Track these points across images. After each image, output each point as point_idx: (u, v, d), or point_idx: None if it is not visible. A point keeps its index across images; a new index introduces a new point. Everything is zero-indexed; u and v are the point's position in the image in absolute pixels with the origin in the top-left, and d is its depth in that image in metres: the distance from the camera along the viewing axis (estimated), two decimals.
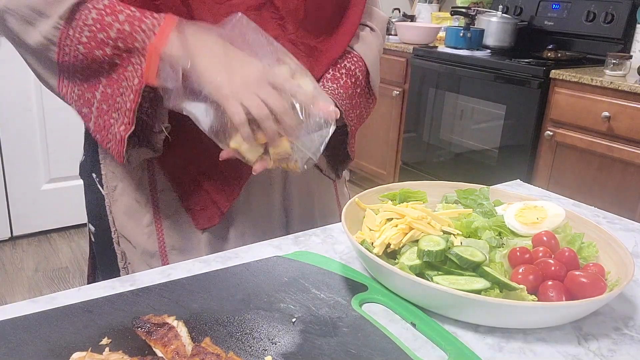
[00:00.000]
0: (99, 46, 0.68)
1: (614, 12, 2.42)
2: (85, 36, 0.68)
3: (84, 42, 0.68)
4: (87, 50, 0.68)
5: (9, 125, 2.54)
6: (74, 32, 0.68)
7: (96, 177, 0.87)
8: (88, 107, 0.73)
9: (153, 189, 0.82)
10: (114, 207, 0.84)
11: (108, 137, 0.72)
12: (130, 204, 0.83)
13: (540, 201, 0.69)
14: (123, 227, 0.84)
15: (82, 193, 0.92)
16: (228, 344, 0.47)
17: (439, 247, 0.56)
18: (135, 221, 0.83)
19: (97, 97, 0.72)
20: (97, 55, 0.69)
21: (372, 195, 0.71)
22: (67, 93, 0.73)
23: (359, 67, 0.84)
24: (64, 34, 0.69)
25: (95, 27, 0.68)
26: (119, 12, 0.68)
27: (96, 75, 0.71)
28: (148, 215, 0.82)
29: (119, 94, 0.70)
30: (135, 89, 0.68)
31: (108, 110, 0.71)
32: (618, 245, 0.60)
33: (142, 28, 0.68)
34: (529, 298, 0.53)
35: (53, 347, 0.45)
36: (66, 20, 0.69)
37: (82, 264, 2.54)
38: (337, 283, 0.58)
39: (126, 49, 0.68)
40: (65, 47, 0.69)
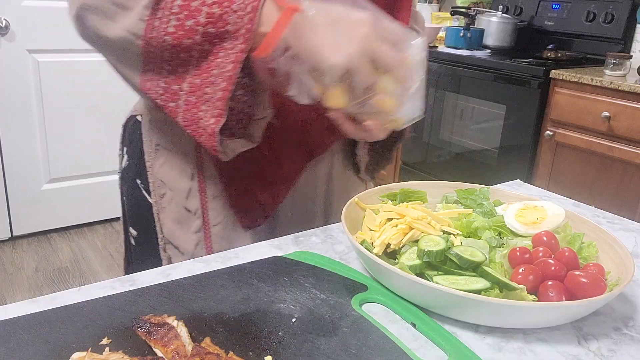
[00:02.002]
0: (187, 35, 0.63)
1: (614, 12, 2.42)
2: (173, 25, 0.63)
3: (171, 32, 0.63)
4: (176, 41, 0.64)
5: (9, 125, 2.54)
6: (160, 22, 0.64)
7: (141, 183, 0.85)
8: (175, 101, 0.68)
9: (203, 197, 0.81)
10: (162, 215, 0.83)
11: (199, 132, 0.67)
12: (179, 211, 0.82)
13: (540, 201, 0.69)
14: (171, 234, 0.83)
15: (81, 193, 0.92)
16: (228, 344, 0.47)
17: (439, 247, 0.56)
18: (185, 228, 0.82)
19: (184, 89, 0.67)
20: (186, 44, 0.64)
21: (372, 195, 0.71)
22: (150, 89, 0.69)
23: None
24: (149, 25, 0.64)
25: (182, 14, 0.63)
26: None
27: (184, 65, 0.66)
28: (197, 222, 0.82)
29: (209, 83, 0.65)
30: (228, 76, 0.63)
31: (197, 102, 0.66)
32: (618, 245, 0.60)
33: (233, 9, 0.62)
34: (529, 298, 0.53)
35: (53, 347, 0.45)
36: (151, 10, 0.64)
37: (82, 264, 2.54)
38: (337, 283, 0.58)
39: (217, 34, 0.63)
40: (151, 39, 0.64)
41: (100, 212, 2.89)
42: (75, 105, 2.67)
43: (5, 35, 2.43)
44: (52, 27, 2.53)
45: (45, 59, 2.55)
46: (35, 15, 2.48)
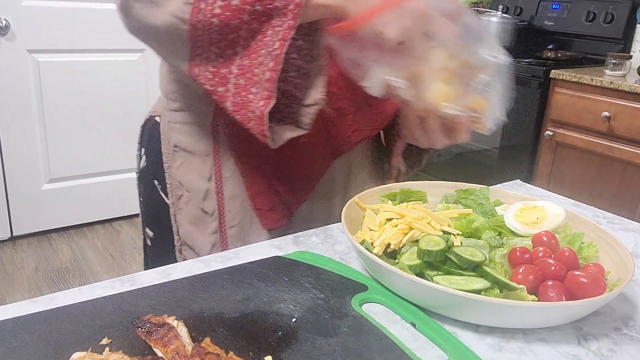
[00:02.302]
0: (234, 15, 0.61)
1: (614, 12, 2.42)
2: (219, 6, 0.61)
3: (217, 13, 0.61)
4: (223, 22, 0.62)
5: (9, 125, 2.54)
6: (206, 4, 0.62)
7: (159, 184, 0.85)
8: (224, 85, 0.66)
9: (220, 198, 0.81)
10: (179, 216, 0.83)
11: (248, 116, 0.65)
12: (196, 213, 0.82)
13: (540, 201, 0.69)
14: (187, 235, 0.83)
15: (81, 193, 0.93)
16: (228, 344, 0.47)
17: (439, 247, 0.56)
18: (201, 229, 0.82)
19: (233, 72, 0.65)
20: (234, 25, 0.62)
21: (372, 195, 0.71)
22: (199, 74, 0.67)
23: None
24: (195, 9, 0.62)
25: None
26: None
27: (232, 46, 0.64)
28: (214, 224, 0.82)
29: (258, 64, 0.63)
30: (276, 55, 0.61)
31: (246, 84, 0.64)
32: (618, 245, 0.60)
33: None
34: (529, 298, 0.53)
35: (53, 347, 0.45)
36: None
37: (82, 264, 2.54)
38: (337, 283, 0.58)
39: (265, 12, 0.61)
40: (197, 23, 0.63)
41: (100, 212, 2.89)
42: (75, 105, 2.67)
43: (5, 35, 2.43)
44: (52, 27, 2.53)
45: (45, 59, 2.55)
46: (35, 15, 2.48)
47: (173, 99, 0.83)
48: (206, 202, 0.81)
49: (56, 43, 2.56)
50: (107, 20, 2.65)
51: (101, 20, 2.64)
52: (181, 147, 0.82)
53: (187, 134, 0.81)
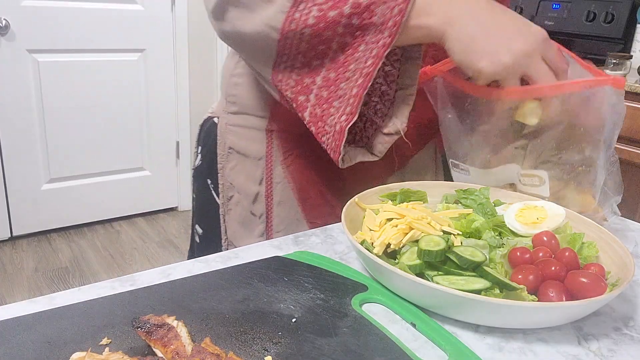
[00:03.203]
0: (328, 26, 0.59)
1: (614, 12, 2.42)
2: (314, 16, 0.59)
3: (310, 23, 0.60)
4: (315, 32, 0.60)
5: (9, 125, 2.54)
6: (301, 14, 0.60)
7: (211, 183, 0.87)
8: (305, 95, 0.64)
9: (269, 202, 0.82)
10: (228, 216, 0.85)
11: (325, 129, 0.64)
12: (244, 214, 0.83)
13: (541, 201, 0.69)
14: (235, 236, 0.85)
15: (81, 193, 0.94)
16: (228, 344, 0.47)
17: (439, 247, 0.56)
18: (248, 231, 0.83)
19: (317, 83, 0.63)
20: (326, 37, 0.60)
21: (372, 195, 0.71)
22: (282, 81, 0.65)
23: None
24: (289, 18, 0.61)
25: (326, 4, 0.59)
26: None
27: (320, 57, 0.62)
28: (261, 227, 0.83)
29: (345, 78, 0.61)
30: (367, 72, 0.59)
31: (328, 97, 0.63)
32: (618, 245, 0.60)
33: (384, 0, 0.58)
34: (529, 298, 0.53)
35: (53, 347, 0.45)
36: (293, 1, 0.60)
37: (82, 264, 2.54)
38: (337, 283, 0.57)
39: (361, 26, 0.59)
40: (289, 32, 0.61)
41: (100, 212, 2.89)
42: (75, 105, 2.67)
43: (5, 35, 2.43)
44: (52, 27, 2.53)
45: (45, 59, 2.55)
46: (35, 15, 2.48)
47: (232, 102, 0.85)
48: (255, 205, 0.83)
49: (56, 43, 2.56)
50: (107, 20, 2.65)
51: (101, 20, 2.64)
52: (235, 150, 0.84)
53: (242, 137, 0.83)
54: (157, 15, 2.80)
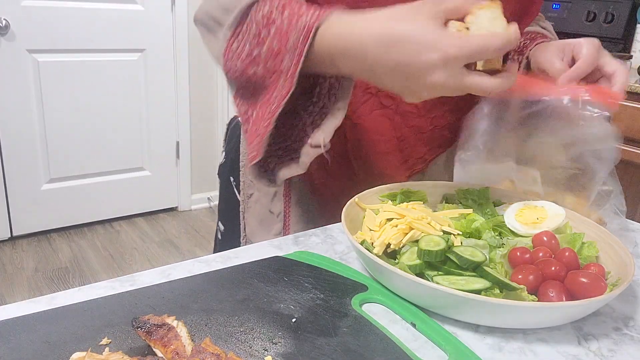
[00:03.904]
0: (253, 63, 0.62)
1: (614, 12, 2.42)
2: (246, 51, 0.63)
3: (243, 57, 0.63)
4: (244, 67, 0.63)
5: (9, 125, 2.54)
6: (238, 45, 0.63)
7: (233, 181, 0.89)
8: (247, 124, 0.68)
9: (287, 201, 0.83)
10: (247, 214, 0.86)
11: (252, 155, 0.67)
12: (263, 212, 0.84)
13: (541, 201, 0.69)
14: (253, 233, 0.86)
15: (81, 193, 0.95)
16: (228, 344, 0.47)
17: (439, 247, 0.56)
18: (266, 229, 0.84)
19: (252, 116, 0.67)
20: (250, 74, 0.63)
21: (372, 195, 0.71)
22: (237, 105, 0.69)
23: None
24: (229, 46, 0.64)
25: (253, 41, 0.62)
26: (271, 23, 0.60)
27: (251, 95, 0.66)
28: (278, 225, 0.84)
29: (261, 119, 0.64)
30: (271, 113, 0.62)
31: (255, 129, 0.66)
32: (618, 245, 0.60)
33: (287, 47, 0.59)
34: (529, 298, 0.53)
35: (53, 347, 0.45)
36: (233, 31, 0.63)
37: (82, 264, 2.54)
38: (337, 283, 0.57)
39: (275, 70, 0.61)
40: (228, 61, 0.65)
41: (100, 212, 2.89)
42: (75, 105, 2.67)
43: (5, 35, 2.43)
44: (52, 27, 2.53)
45: (45, 59, 2.55)
46: (35, 15, 2.48)
47: None
48: (273, 204, 0.84)
49: (56, 43, 2.56)
50: (107, 20, 2.65)
51: (101, 20, 2.64)
52: None
53: None
54: (157, 15, 2.80)
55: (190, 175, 3.16)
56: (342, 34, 0.55)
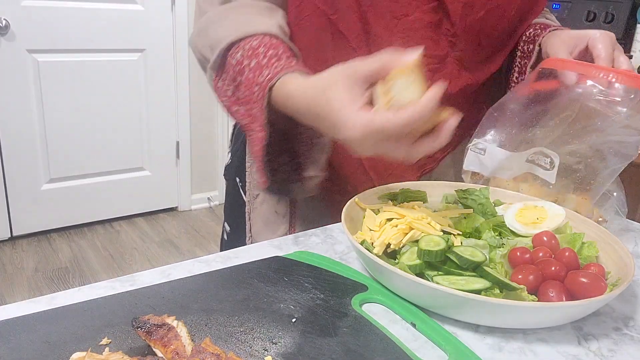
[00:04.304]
0: (236, 103, 0.67)
1: (614, 12, 2.42)
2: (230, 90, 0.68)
3: (228, 95, 0.68)
4: (230, 104, 0.68)
5: (9, 125, 2.54)
6: (223, 84, 0.69)
7: (239, 181, 0.89)
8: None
9: (293, 201, 0.83)
10: (253, 215, 0.86)
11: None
12: (269, 213, 0.85)
13: (541, 201, 0.69)
14: (258, 234, 0.86)
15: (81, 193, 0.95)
16: (228, 344, 0.47)
17: (439, 247, 0.56)
18: (271, 230, 0.85)
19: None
20: (234, 110, 0.68)
21: (372, 195, 0.71)
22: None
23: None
24: (215, 84, 0.69)
25: (232, 84, 0.67)
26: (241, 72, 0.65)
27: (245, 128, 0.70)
28: (284, 226, 0.84)
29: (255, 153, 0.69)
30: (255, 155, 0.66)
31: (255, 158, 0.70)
32: (618, 245, 0.60)
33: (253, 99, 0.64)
34: (529, 298, 0.53)
35: (53, 347, 0.45)
36: (216, 71, 0.69)
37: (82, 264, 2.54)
38: (337, 283, 0.57)
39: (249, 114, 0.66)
40: (219, 96, 0.71)
41: (100, 212, 2.89)
42: (75, 105, 2.67)
43: (5, 35, 2.43)
44: (52, 27, 2.53)
45: (45, 59, 2.55)
46: (35, 15, 2.48)
47: None
48: (279, 205, 0.84)
49: (56, 43, 2.56)
50: (107, 20, 2.65)
51: (101, 20, 2.64)
52: None
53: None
54: (157, 15, 2.80)
55: (190, 175, 3.16)
56: (288, 97, 0.60)
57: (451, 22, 0.73)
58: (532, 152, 0.73)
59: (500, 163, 0.75)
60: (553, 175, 0.71)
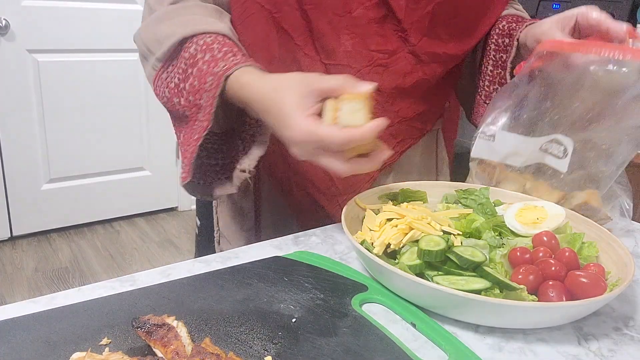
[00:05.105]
0: (178, 94, 0.69)
1: (614, 12, 2.42)
2: (174, 82, 0.69)
3: (171, 87, 0.69)
4: (170, 96, 0.70)
5: (9, 125, 2.54)
6: (167, 75, 0.70)
7: None
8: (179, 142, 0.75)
9: (257, 197, 0.84)
10: (220, 208, 0.88)
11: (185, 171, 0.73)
12: (235, 209, 0.86)
13: (541, 201, 0.69)
14: (226, 228, 0.88)
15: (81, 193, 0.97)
16: (228, 344, 0.47)
17: (439, 247, 0.56)
18: (237, 225, 0.86)
19: (180, 138, 0.73)
20: (176, 102, 0.69)
21: (372, 195, 0.71)
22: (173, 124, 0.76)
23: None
24: (157, 76, 0.71)
25: (181, 75, 0.68)
26: (194, 64, 0.67)
27: (179, 120, 0.72)
28: (249, 222, 0.85)
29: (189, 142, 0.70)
30: (194, 145, 0.68)
31: (185, 152, 0.71)
32: (618, 245, 0.60)
33: (205, 87, 0.65)
34: (529, 298, 0.53)
35: (53, 347, 0.45)
36: (163, 62, 0.70)
37: (81, 264, 2.54)
38: (337, 283, 0.57)
39: (195, 104, 0.67)
40: (157, 87, 0.71)
41: (100, 212, 2.89)
42: (75, 105, 2.67)
43: (5, 35, 2.43)
44: (52, 27, 2.53)
45: (45, 59, 2.55)
46: (35, 15, 2.48)
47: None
48: (244, 200, 0.85)
49: (56, 43, 2.56)
50: (107, 20, 2.65)
51: (101, 20, 2.64)
52: None
53: None
54: None
55: None
56: (243, 87, 0.63)
57: (397, 17, 0.73)
58: (546, 140, 0.72)
59: (514, 148, 0.74)
60: (565, 164, 0.70)
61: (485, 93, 0.84)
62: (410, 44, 0.75)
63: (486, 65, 0.83)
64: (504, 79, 0.81)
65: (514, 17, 0.83)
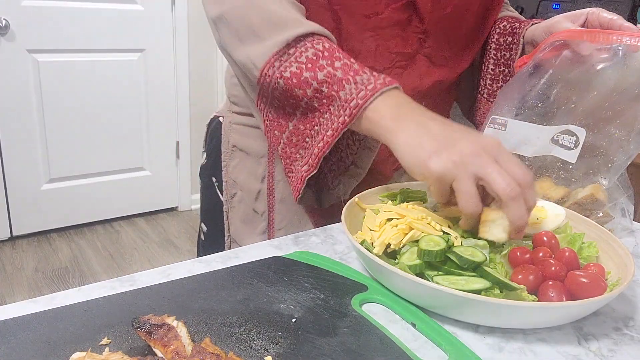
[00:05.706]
0: (300, 84, 0.64)
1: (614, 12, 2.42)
2: (290, 71, 0.64)
3: (286, 76, 0.64)
4: (287, 86, 0.65)
5: (9, 125, 2.54)
6: (281, 64, 0.65)
7: (216, 181, 0.90)
8: (279, 132, 0.70)
9: (271, 200, 0.83)
10: (231, 214, 0.87)
11: (291, 168, 0.70)
12: (247, 212, 0.85)
13: (541, 201, 0.69)
14: (237, 233, 0.87)
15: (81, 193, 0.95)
16: (228, 344, 0.47)
17: (439, 247, 0.56)
18: (250, 229, 0.85)
19: (289, 127, 0.69)
20: (296, 93, 0.65)
21: (372, 195, 0.71)
22: (263, 110, 0.71)
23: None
24: (269, 63, 0.65)
25: (305, 65, 0.64)
26: (336, 59, 0.63)
27: (292, 108, 0.67)
28: (263, 224, 0.84)
29: (310, 135, 0.66)
30: (327, 140, 0.64)
31: (296, 144, 0.68)
32: (618, 245, 0.60)
33: (356, 80, 0.62)
34: (529, 298, 0.53)
35: (53, 347, 0.45)
36: (278, 49, 0.65)
37: (82, 264, 2.54)
38: (337, 283, 0.57)
39: (328, 96, 0.63)
40: (267, 75, 0.66)
41: (100, 212, 2.89)
42: (75, 105, 2.67)
43: (5, 35, 2.43)
44: (52, 27, 2.53)
45: (45, 59, 2.55)
46: (35, 15, 2.48)
47: (235, 102, 0.87)
48: (257, 203, 0.84)
49: (56, 43, 2.56)
50: (107, 20, 2.65)
51: (101, 20, 2.64)
52: (239, 147, 0.85)
53: (245, 135, 0.85)
54: (157, 15, 2.80)
55: (190, 175, 3.16)
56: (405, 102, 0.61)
57: (420, 18, 0.74)
58: (559, 131, 0.71)
59: (525, 137, 0.74)
60: (575, 155, 0.70)
61: (488, 91, 0.85)
62: (426, 47, 0.77)
63: (487, 64, 0.85)
64: (508, 77, 0.81)
65: (514, 18, 0.85)
